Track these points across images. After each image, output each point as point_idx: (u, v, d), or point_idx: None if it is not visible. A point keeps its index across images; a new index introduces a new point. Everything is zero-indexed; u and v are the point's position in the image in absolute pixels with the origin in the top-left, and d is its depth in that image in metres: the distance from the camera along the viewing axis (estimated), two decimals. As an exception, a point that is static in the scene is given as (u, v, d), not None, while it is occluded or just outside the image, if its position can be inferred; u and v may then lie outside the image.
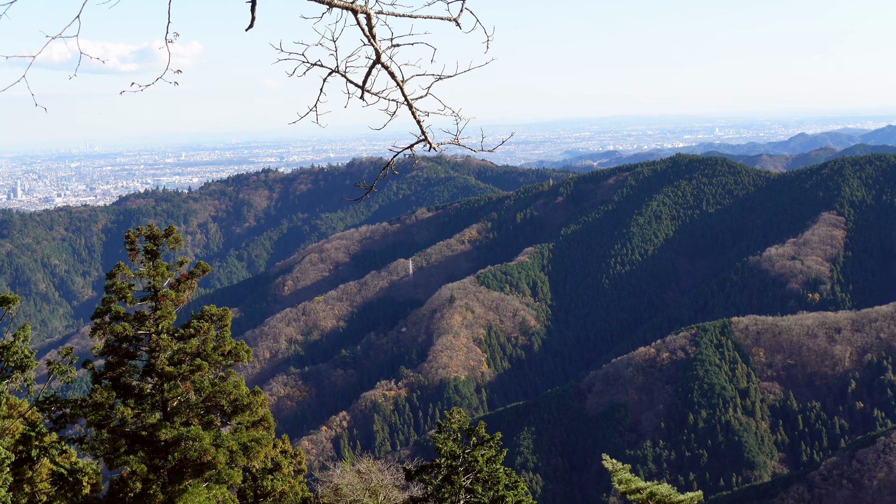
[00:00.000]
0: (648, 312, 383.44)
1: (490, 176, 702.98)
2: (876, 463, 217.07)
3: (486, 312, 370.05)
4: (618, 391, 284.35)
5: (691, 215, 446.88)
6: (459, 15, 14.12)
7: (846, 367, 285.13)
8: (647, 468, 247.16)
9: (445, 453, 46.17)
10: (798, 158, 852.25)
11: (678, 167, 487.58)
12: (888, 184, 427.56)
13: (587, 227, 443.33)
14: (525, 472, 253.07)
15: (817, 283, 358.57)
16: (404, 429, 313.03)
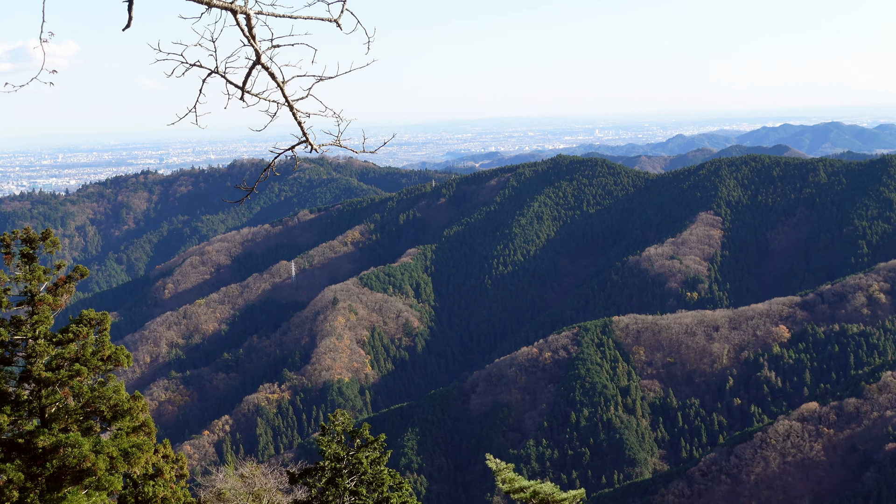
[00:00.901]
0: (531, 312, 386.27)
1: (373, 177, 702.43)
2: (753, 458, 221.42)
3: (370, 314, 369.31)
4: (501, 391, 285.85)
5: (572, 216, 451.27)
6: (340, 16, 14.08)
7: (724, 365, 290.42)
8: (530, 467, 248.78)
9: (329, 456, 45.95)
10: (676, 159, 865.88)
11: (559, 168, 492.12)
12: (763, 184, 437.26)
13: (470, 227, 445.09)
14: (409, 473, 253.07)
15: (696, 282, 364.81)
16: (288, 432, 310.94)
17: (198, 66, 14.38)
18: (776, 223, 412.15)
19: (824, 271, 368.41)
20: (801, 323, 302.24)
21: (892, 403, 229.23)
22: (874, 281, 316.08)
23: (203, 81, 14.87)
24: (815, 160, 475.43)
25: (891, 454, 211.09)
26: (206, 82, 14.89)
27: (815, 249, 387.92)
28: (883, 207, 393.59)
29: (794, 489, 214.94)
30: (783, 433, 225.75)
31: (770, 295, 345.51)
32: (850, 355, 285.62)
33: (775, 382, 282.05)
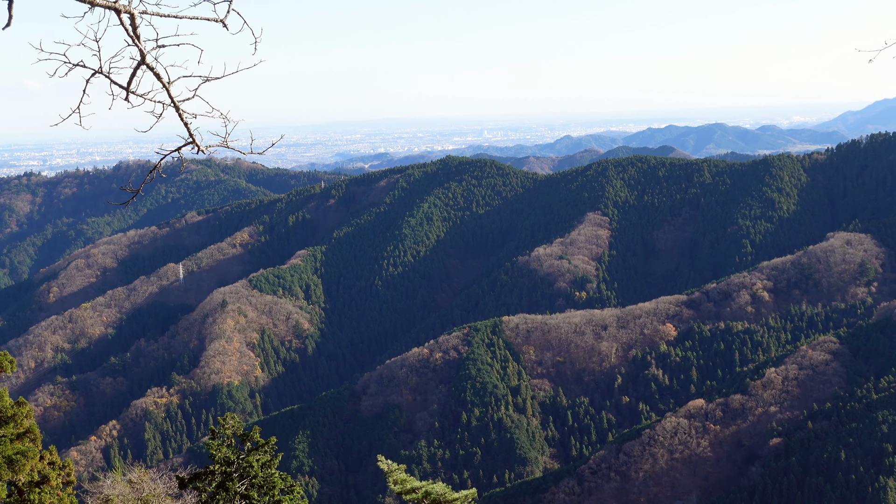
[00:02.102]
0: (421, 313, 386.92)
1: (261, 179, 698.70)
2: (641, 455, 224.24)
3: (259, 316, 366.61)
4: (392, 392, 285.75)
5: (462, 216, 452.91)
6: (226, 16, 13.94)
7: (612, 363, 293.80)
8: (422, 468, 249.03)
9: (219, 460, 45.50)
10: (564, 160, 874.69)
11: (448, 169, 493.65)
12: (649, 184, 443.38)
13: (359, 229, 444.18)
14: (301, 475, 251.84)
15: (584, 281, 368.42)
16: (177, 436, 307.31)
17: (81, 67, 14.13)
18: (662, 223, 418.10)
19: (709, 270, 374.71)
20: (688, 321, 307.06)
21: (776, 399, 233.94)
22: (758, 279, 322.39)
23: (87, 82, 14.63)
24: (699, 161, 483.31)
25: (775, 449, 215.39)
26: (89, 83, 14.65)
27: (700, 249, 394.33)
28: (766, 207, 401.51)
29: (682, 485, 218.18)
30: (671, 430, 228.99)
31: (657, 294, 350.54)
32: (736, 352, 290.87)
33: (663, 380, 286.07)
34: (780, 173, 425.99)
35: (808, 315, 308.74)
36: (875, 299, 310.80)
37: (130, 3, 13.72)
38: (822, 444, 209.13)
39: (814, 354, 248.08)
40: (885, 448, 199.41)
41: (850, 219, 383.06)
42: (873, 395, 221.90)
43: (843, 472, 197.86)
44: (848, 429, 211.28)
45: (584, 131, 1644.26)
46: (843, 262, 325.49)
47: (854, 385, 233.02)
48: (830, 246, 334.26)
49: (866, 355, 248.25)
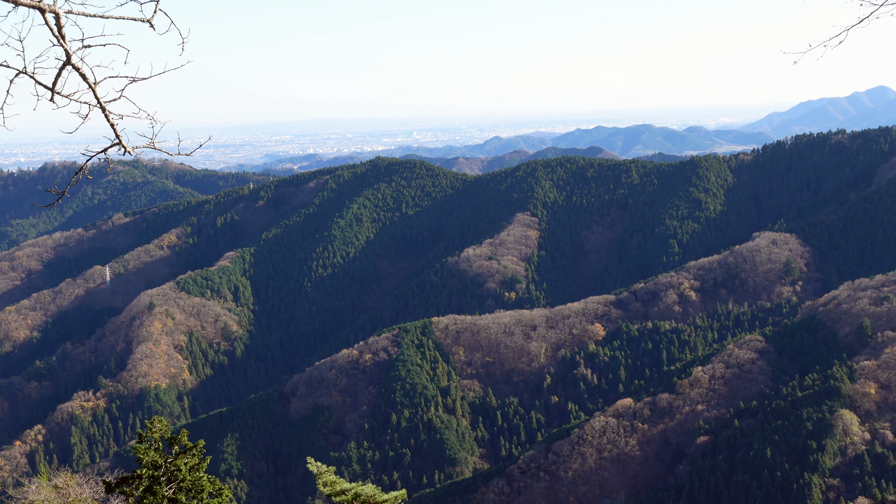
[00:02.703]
0: (351, 314, 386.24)
1: (189, 180, 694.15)
2: (570, 454, 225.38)
3: (187, 319, 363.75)
4: (322, 394, 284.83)
5: (391, 217, 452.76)
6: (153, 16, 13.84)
7: (542, 363, 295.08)
8: (351, 469, 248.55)
9: (147, 463, 45.11)
10: (493, 161, 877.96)
11: (378, 170, 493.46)
12: (578, 185, 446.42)
13: (289, 230, 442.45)
14: (230, 478, 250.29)
15: (513, 282, 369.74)
16: (104, 440, 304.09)
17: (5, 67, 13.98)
18: (591, 223, 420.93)
19: (637, 270, 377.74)
20: (616, 321, 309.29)
21: (704, 398, 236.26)
22: (685, 279, 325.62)
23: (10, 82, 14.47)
24: (627, 162, 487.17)
25: (702, 447, 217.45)
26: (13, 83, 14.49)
27: (628, 249, 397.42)
28: (693, 207, 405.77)
29: (611, 484, 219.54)
30: (599, 429, 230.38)
31: (585, 294, 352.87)
32: (663, 352, 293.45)
33: (591, 380, 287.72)
34: (706, 174, 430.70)
35: (735, 314, 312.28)
36: (800, 298, 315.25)
37: (55, 3, 13.58)
38: (749, 441, 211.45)
39: (740, 353, 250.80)
40: (810, 445, 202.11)
41: (776, 219, 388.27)
42: (798, 392, 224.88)
43: (768, 470, 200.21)
44: (773, 426, 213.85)
45: (513, 132, 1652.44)
46: (768, 262, 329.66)
47: (779, 383, 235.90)
48: (756, 246, 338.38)
49: (791, 354, 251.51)
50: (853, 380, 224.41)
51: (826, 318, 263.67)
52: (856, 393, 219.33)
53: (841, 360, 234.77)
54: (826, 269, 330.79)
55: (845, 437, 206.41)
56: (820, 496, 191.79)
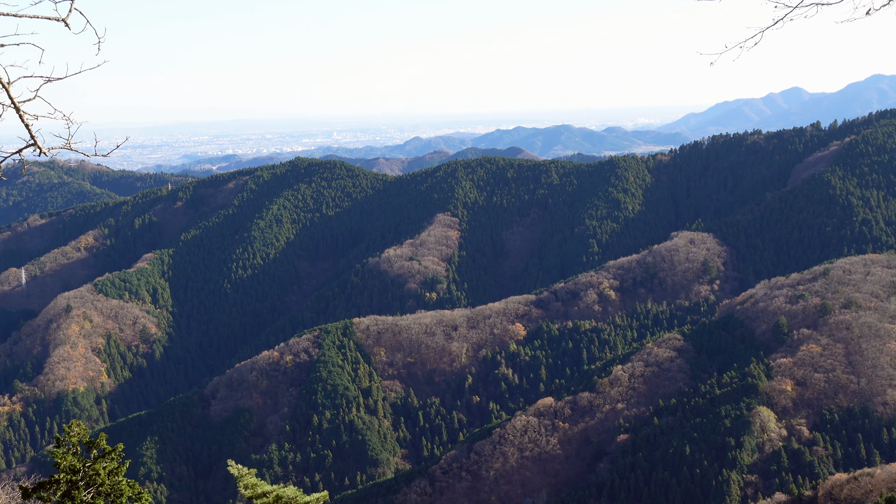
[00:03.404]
0: (271, 316, 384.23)
1: (106, 181, 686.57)
2: (492, 454, 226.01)
3: (105, 321, 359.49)
4: (242, 396, 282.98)
5: (312, 218, 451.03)
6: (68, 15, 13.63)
7: (463, 363, 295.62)
8: (273, 472, 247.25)
9: (65, 468, 44.50)
10: (413, 161, 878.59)
11: (297, 171, 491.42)
12: (497, 185, 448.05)
13: (208, 231, 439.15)
14: (149, 482, 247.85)
15: (434, 282, 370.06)
16: (20, 445, 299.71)
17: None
18: (511, 223, 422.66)
19: (558, 270, 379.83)
20: (537, 321, 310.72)
21: (623, 396, 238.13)
22: (604, 278, 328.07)
23: (-80, 81, 14.14)
24: (547, 162, 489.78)
25: (622, 445, 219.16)
26: (-78, 82, 14.16)
27: (548, 248, 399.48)
28: (612, 207, 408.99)
29: (532, 483, 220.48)
30: (520, 428, 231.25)
31: (506, 294, 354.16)
32: (584, 351, 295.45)
33: (512, 379, 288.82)
34: (625, 174, 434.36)
35: (654, 313, 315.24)
36: (717, 297, 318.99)
37: (-34, 1, 13.32)
38: (668, 439, 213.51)
39: (659, 352, 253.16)
40: (728, 442, 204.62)
41: (693, 218, 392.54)
42: (716, 390, 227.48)
43: (687, 467, 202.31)
44: (692, 424, 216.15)
45: (433, 132, 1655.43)
46: (686, 261, 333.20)
47: (698, 381, 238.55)
48: (674, 245, 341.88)
49: (709, 352, 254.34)
50: (770, 377, 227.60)
51: (743, 317, 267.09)
52: (773, 390, 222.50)
53: (758, 358, 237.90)
54: (743, 268, 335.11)
55: (763, 433, 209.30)
56: (738, 492, 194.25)
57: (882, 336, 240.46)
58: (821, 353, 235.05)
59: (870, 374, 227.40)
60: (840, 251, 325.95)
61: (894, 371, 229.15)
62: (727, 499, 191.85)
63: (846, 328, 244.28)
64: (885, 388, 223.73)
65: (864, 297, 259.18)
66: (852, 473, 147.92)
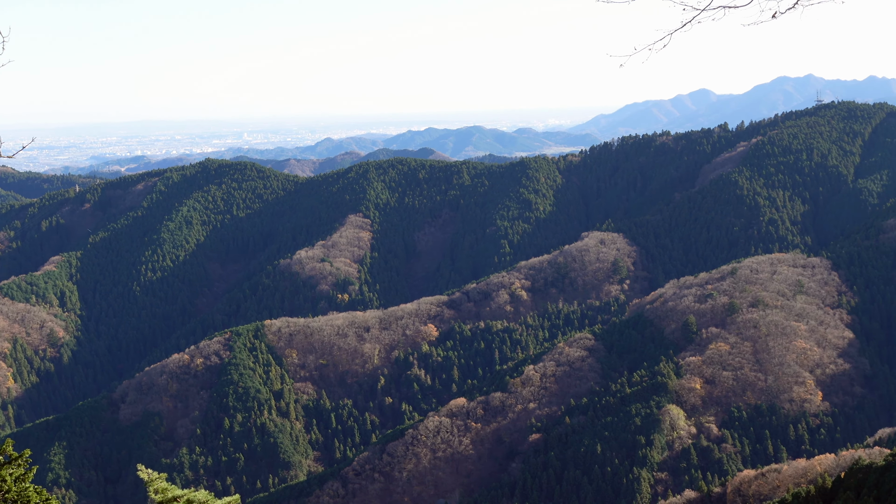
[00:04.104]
0: (182, 319, 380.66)
1: (12, 182, 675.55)
2: (405, 455, 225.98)
3: (11, 325, 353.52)
4: (152, 399, 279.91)
5: (222, 220, 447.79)
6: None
7: (375, 365, 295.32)
8: (184, 476, 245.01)
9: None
10: (325, 162, 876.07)
11: (208, 172, 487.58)
12: (410, 186, 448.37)
13: (116, 234, 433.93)
14: (57, 488, 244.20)
15: (346, 283, 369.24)
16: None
17: None
18: (423, 224, 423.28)
19: (470, 271, 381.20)
20: (449, 321, 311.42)
21: (535, 396, 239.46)
22: (516, 279, 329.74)
23: None
24: (458, 163, 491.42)
25: (534, 445, 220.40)
26: None
27: (460, 249, 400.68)
28: (523, 208, 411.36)
29: (445, 483, 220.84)
30: (433, 429, 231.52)
31: (418, 295, 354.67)
32: (496, 351, 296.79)
33: (425, 380, 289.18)
34: (536, 175, 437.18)
35: (565, 313, 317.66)
36: (627, 296, 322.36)
37: None
38: (580, 438, 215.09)
39: (570, 351, 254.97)
40: (639, 440, 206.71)
41: (604, 218, 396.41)
42: (627, 389, 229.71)
43: (599, 465, 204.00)
44: (603, 423, 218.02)
45: (344, 133, 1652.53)
46: (597, 261, 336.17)
47: (609, 380, 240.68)
48: (585, 245, 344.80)
49: (620, 351, 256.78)
50: (679, 375, 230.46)
51: (653, 316, 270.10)
52: (682, 388, 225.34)
53: (668, 357, 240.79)
54: (652, 268, 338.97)
55: (672, 431, 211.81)
56: (648, 490, 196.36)
57: (788, 334, 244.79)
58: (729, 352, 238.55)
59: (777, 372, 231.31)
60: (747, 251, 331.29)
61: (800, 368, 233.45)
62: (638, 497, 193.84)
63: (754, 326, 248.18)
64: (791, 385, 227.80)
65: (771, 296, 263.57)
66: (760, 470, 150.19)
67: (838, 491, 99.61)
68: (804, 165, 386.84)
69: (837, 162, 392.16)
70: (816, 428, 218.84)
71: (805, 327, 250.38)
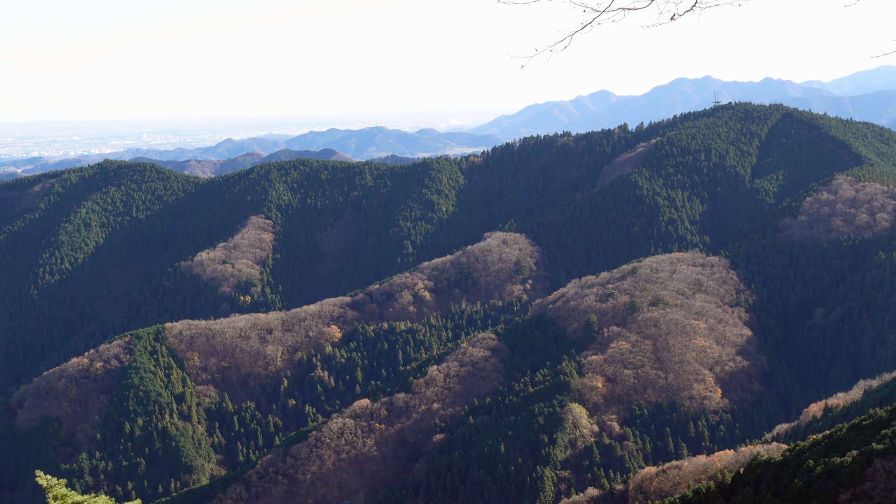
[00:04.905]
0: (81, 322, 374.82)
1: None
2: (309, 457, 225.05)
3: None
4: (51, 404, 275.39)
5: (122, 222, 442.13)
6: None
7: (278, 367, 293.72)
8: (83, 481, 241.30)
9: None
10: (226, 163, 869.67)
11: (106, 173, 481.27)
12: (311, 187, 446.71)
13: (12, 236, 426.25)
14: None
15: (248, 285, 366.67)
16: None
17: None
18: (326, 226, 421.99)
19: (373, 272, 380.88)
20: (352, 322, 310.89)
21: (439, 396, 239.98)
22: (419, 279, 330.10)
23: None
24: (361, 164, 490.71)
25: (438, 445, 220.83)
26: None
27: (363, 250, 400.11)
28: (426, 208, 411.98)
29: (349, 485, 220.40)
30: (337, 431, 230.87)
31: (321, 296, 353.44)
32: (399, 352, 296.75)
33: (329, 382, 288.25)
34: (438, 175, 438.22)
35: (468, 313, 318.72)
36: (530, 296, 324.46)
37: None
38: (483, 438, 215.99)
39: (474, 351, 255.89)
40: (542, 439, 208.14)
41: (506, 219, 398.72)
42: (530, 388, 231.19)
43: (503, 465, 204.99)
44: (507, 422, 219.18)
45: (245, 134, 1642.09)
46: (499, 261, 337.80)
47: (512, 379, 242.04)
48: (488, 246, 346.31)
49: (523, 350, 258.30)
50: (582, 374, 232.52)
51: (555, 315, 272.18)
52: (584, 387, 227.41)
53: (570, 356, 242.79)
54: (554, 268, 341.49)
55: (575, 430, 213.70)
56: (552, 488, 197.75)
57: (688, 332, 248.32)
58: (630, 350, 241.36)
59: (677, 370, 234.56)
60: (647, 250, 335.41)
61: (700, 366, 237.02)
62: (541, 495, 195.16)
63: (654, 325, 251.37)
64: (691, 382, 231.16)
65: (671, 295, 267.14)
66: (661, 466, 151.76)
67: (738, 486, 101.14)
68: (703, 166, 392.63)
69: (735, 162, 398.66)
70: (716, 424, 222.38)
71: (704, 325, 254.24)
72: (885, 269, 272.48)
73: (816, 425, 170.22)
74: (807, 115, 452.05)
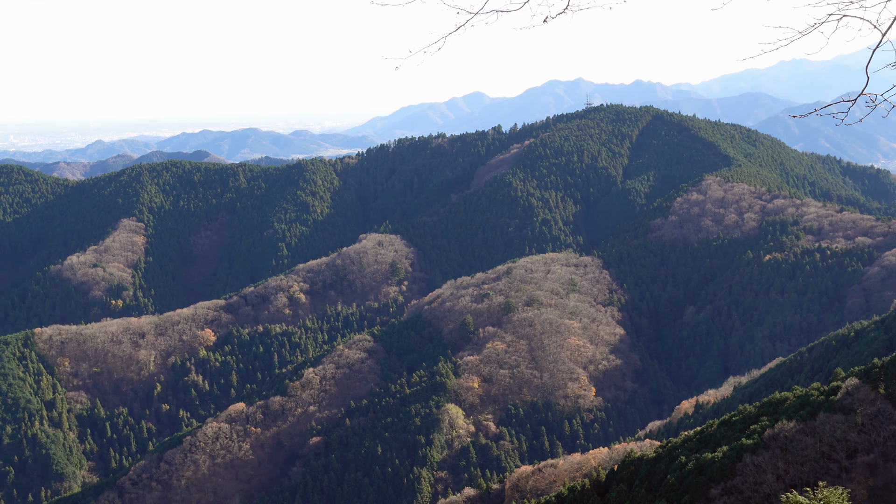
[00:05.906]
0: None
1: None
2: (183, 462, 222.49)
3: None
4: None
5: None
6: None
7: (151, 371, 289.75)
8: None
9: None
10: (96, 165, 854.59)
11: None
12: (184, 189, 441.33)
13: None
14: None
15: (120, 289, 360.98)
16: None
17: None
18: (199, 228, 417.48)
19: (248, 274, 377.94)
20: (227, 326, 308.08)
21: (315, 399, 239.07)
22: (295, 282, 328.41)
23: None
24: (234, 165, 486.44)
25: (315, 448, 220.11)
26: None
27: (238, 253, 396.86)
28: (301, 210, 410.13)
29: (225, 489, 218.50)
30: (212, 435, 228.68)
31: (196, 299, 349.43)
32: (275, 355, 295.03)
33: (203, 386, 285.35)
34: (313, 177, 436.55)
35: (344, 315, 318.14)
36: (406, 297, 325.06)
37: None
38: (360, 440, 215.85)
39: (350, 353, 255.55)
40: (419, 440, 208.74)
41: (381, 220, 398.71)
42: (406, 389, 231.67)
43: (380, 466, 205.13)
44: (384, 423, 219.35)
45: (116, 136, 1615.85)
46: (375, 263, 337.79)
47: (388, 381, 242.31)
48: (363, 247, 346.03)
49: (399, 352, 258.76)
50: (458, 375, 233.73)
51: (431, 316, 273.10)
52: (460, 387, 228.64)
53: (446, 357, 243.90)
54: (430, 269, 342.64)
55: (452, 430, 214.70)
56: (429, 489, 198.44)
57: (562, 332, 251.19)
58: (506, 350, 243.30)
59: (552, 369, 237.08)
60: (522, 250, 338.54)
61: (574, 365, 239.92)
62: (418, 496, 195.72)
63: (529, 325, 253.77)
64: (565, 381, 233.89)
65: (546, 295, 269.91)
66: (537, 465, 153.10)
67: (612, 483, 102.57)
68: (575, 167, 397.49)
69: (607, 163, 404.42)
70: (590, 423, 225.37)
71: (578, 325, 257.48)
72: (753, 268, 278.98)
73: (688, 422, 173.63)
74: (676, 116, 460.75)
